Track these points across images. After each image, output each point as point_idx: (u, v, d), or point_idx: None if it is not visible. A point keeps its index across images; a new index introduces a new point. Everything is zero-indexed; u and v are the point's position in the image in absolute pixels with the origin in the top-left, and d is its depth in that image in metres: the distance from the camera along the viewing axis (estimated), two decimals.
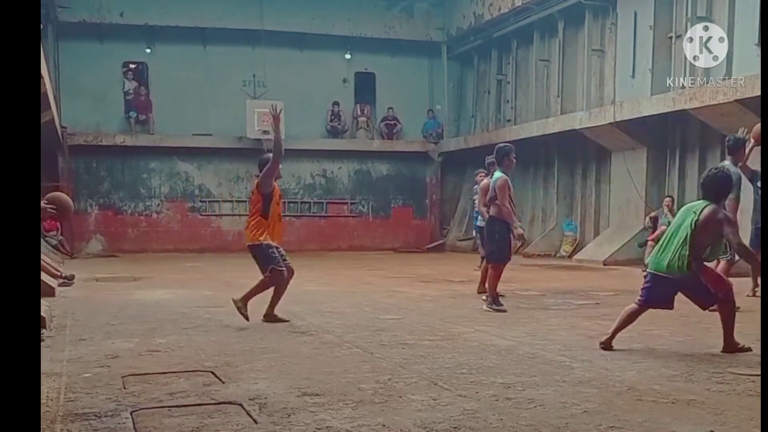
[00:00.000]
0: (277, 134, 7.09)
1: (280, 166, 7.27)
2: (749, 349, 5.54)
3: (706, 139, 14.04)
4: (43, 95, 11.65)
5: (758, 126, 7.85)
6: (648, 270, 5.78)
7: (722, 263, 8.21)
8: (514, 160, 8.57)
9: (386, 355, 5.45)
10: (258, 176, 7.29)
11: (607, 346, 5.66)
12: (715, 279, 5.69)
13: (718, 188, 5.63)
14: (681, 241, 5.46)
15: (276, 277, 7.11)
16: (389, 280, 11.96)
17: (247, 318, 6.98)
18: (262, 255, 7.13)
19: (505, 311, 7.88)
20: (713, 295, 5.61)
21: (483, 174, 13.23)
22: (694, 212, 5.52)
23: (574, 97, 17.33)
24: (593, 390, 4.35)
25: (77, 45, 19.01)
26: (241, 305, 7.02)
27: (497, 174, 8.37)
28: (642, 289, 5.75)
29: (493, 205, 8.30)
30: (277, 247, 7.20)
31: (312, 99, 20.57)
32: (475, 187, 13.56)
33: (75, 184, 19.13)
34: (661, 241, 5.69)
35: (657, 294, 5.64)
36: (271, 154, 7.22)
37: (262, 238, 7.11)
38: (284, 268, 7.18)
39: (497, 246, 8.24)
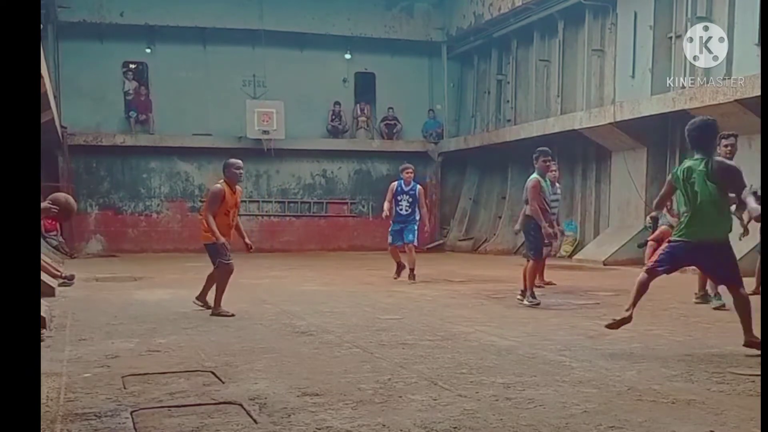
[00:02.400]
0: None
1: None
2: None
3: None
4: (43, 95, 11.65)
5: None
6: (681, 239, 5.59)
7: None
8: (546, 164, 9.02)
9: (386, 355, 5.45)
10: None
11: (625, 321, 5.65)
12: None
13: (711, 136, 5.61)
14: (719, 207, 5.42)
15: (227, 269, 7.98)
16: (389, 280, 11.96)
17: (231, 314, 7.58)
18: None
19: (538, 303, 8.36)
20: (737, 277, 5.48)
21: (410, 171, 12.53)
22: (700, 171, 5.40)
23: (574, 97, 17.33)
24: (593, 390, 4.35)
25: (77, 45, 19.01)
26: (216, 311, 7.70)
27: (532, 176, 8.87)
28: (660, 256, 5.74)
29: (529, 205, 8.75)
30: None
31: (312, 99, 20.58)
32: (397, 184, 12.43)
33: (75, 184, 19.11)
34: (691, 212, 5.49)
35: (676, 259, 5.66)
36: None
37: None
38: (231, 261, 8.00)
39: (533, 243, 8.75)
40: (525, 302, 8.46)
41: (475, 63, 21.54)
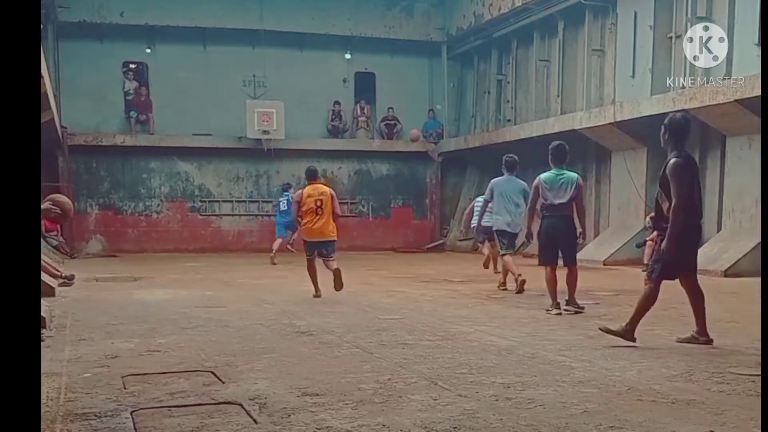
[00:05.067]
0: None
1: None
2: None
3: (706, 139, 14.04)
4: (43, 95, 11.65)
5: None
6: None
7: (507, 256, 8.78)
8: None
9: (386, 355, 5.45)
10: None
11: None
12: None
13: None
14: None
15: None
16: (389, 280, 11.96)
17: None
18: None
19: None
20: None
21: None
22: None
23: (574, 97, 17.33)
24: (593, 390, 4.35)
25: (77, 45, 19.02)
26: None
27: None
28: None
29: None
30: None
31: (312, 99, 20.59)
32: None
33: (75, 184, 19.13)
34: None
35: None
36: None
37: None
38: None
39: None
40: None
41: (475, 63, 21.54)
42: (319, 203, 9.43)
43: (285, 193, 17.21)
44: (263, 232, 20.46)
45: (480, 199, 11.43)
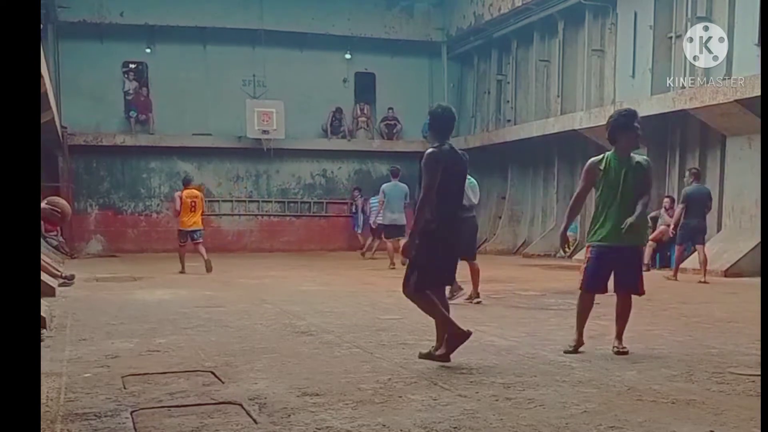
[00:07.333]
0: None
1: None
2: None
3: (706, 139, 14.04)
4: (43, 95, 11.65)
5: None
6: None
7: None
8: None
9: (386, 355, 5.45)
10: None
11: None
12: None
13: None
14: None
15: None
16: (389, 280, 11.94)
17: None
18: None
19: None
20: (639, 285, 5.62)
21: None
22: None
23: (574, 97, 17.33)
24: (593, 390, 4.35)
25: (77, 45, 19.02)
26: None
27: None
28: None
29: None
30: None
31: (312, 99, 20.59)
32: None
33: (75, 184, 19.14)
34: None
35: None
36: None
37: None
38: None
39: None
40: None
41: (475, 63, 21.54)
42: (193, 203, 13.11)
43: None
44: (263, 231, 20.48)
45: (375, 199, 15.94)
